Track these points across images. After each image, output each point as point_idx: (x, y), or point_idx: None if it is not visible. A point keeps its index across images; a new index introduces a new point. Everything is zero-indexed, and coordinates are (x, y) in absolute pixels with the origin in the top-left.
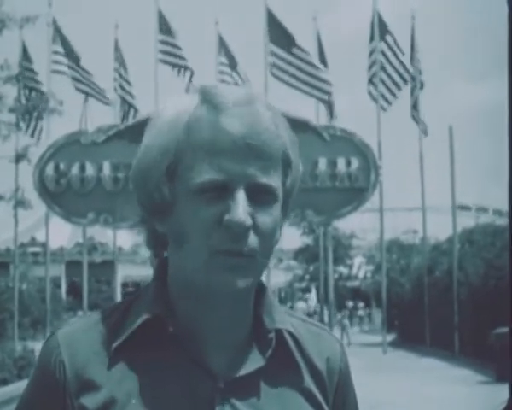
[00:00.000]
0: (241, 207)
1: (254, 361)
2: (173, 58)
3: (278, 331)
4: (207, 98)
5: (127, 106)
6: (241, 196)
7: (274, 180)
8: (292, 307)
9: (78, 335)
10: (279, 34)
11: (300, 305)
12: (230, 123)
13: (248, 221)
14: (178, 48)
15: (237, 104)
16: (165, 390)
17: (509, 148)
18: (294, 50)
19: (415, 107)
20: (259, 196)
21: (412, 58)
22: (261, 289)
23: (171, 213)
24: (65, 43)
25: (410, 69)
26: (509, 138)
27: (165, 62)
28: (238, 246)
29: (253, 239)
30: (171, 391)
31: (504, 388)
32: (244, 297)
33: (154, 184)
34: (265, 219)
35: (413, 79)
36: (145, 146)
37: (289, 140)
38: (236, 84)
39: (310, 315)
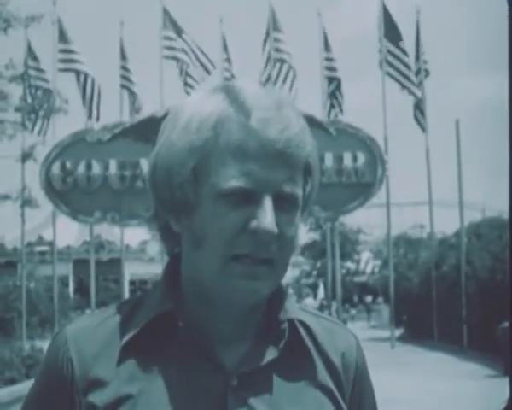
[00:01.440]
0: (269, 215)
1: (267, 354)
2: (178, 53)
3: (291, 323)
4: (237, 99)
5: (133, 99)
6: (268, 204)
7: (298, 188)
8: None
9: (87, 331)
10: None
11: (309, 301)
12: (260, 128)
13: (275, 230)
14: (183, 43)
15: (267, 108)
16: (175, 387)
17: (509, 147)
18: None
19: (417, 106)
20: (283, 204)
21: (417, 53)
22: None
23: (191, 213)
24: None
25: (415, 66)
26: (510, 137)
27: (170, 57)
28: (261, 253)
29: (275, 247)
30: (182, 388)
31: None
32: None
33: (178, 183)
34: (288, 227)
35: (418, 74)
36: (170, 142)
37: (312, 147)
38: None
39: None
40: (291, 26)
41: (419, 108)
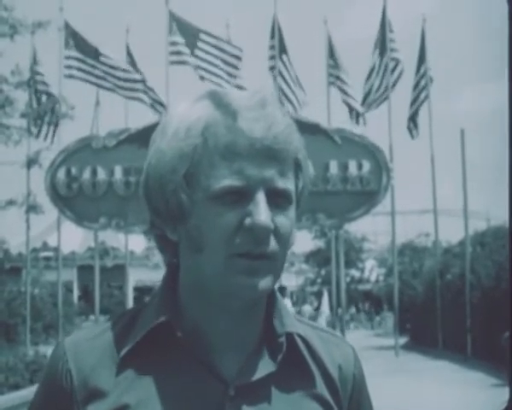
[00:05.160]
0: (263, 210)
1: (265, 366)
2: (185, 57)
3: (289, 335)
4: (222, 103)
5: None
6: (262, 200)
7: (290, 183)
8: (299, 312)
9: (85, 343)
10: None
11: (306, 308)
12: (247, 127)
13: (271, 224)
14: (189, 47)
15: (252, 108)
16: (174, 397)
17: (509, 156)
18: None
19: (413, 118)
20: (277, 200)
21: (422, 61)
22: (271, 292)
23: (187, 219)
24: (80, 43)
25: (416, 75)
26: (510, 146)
27: (177, 62)
28: (260, 249)
29: (272, 242)
30: (181, 398)
31: None
32: (257, 301)
33: (172, 190)
34: (284, 221)
35: (417, 86)
36: (160, 151)
37: (300, 143)
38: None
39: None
40: (296, 32)
41: (413, 119)
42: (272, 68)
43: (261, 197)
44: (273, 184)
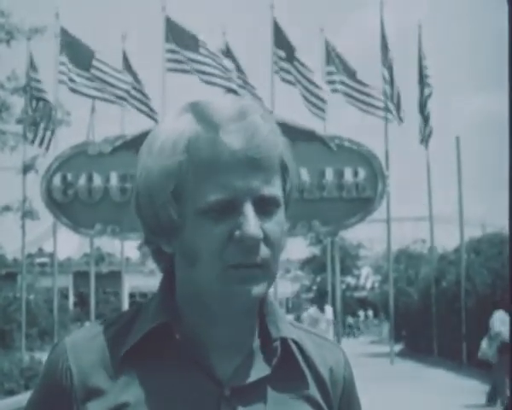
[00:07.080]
0: (251, 221)
1: (260, 369)
2: (182, 65)
3: (283, 340)
4: (203, 116)
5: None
6: (249, 211)
7: (276, 189)
8: (298, 318)
9: (86, 342)
10: (284, 42)
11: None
12: (229, 139)
13: (260, 234)
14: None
15: (233, 119)
16: (171, 398)
17: (509, 162)
18: (295, 63)
19: (423, 130)
20: (264, 207)
21: (420, 68)
22: (264, 297)
23: (179, 233)
24: (73, 50)
25: (419, 84)
26: (510, 153)
27: (175, 70)
28: (251, 259)
29: (263, 250)
30: (177, 398)
31: None
32: (252, 307)
33: (161, 207)
34: (273, 228)
35: (421, 93)
36: (147, 169)
37: (284, 145)
38: (243, 91)
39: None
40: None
41: (424, 129)
42: (280, 70)
43: (249, 208)
44: (259, 192)
